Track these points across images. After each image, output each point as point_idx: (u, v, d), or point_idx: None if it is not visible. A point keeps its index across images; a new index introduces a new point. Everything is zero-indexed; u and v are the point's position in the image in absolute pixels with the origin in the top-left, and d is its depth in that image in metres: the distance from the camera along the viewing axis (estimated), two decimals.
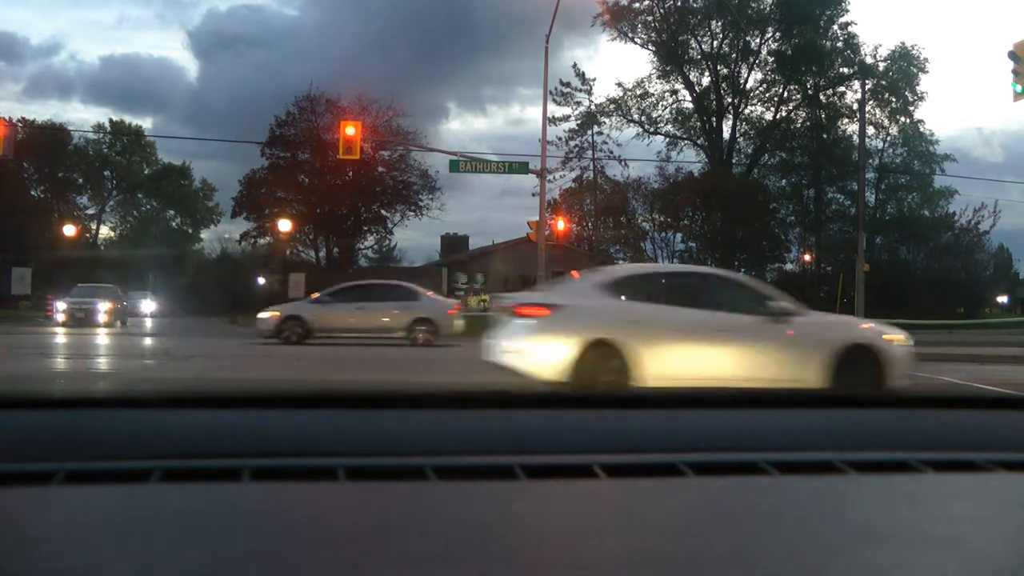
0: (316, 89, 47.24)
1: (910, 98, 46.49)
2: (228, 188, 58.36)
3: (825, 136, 47.13)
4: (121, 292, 28.81)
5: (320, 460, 0.94)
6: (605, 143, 48.79)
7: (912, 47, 46.19)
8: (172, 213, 63.34)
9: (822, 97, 47.29)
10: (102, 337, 20.82)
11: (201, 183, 63.35)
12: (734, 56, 47.48)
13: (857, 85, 41.28)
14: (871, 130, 44.52)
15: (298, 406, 1.15)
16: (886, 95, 46.44)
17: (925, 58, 46.24)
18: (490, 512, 0.84)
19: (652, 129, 48.54)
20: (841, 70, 46.73)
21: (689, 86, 48.08)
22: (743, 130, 48.96)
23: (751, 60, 47.45)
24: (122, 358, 14.70)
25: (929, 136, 47.58)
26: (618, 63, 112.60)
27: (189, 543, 0.73)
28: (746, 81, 47.88)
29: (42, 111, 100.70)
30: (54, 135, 51.43)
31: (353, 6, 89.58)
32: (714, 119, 48.06)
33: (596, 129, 48.63)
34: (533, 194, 34.96)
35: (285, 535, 0.75)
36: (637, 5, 46.00)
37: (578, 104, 48.25)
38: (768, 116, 48.30)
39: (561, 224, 32.98)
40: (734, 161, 48.41)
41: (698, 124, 48.67)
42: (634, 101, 48.07)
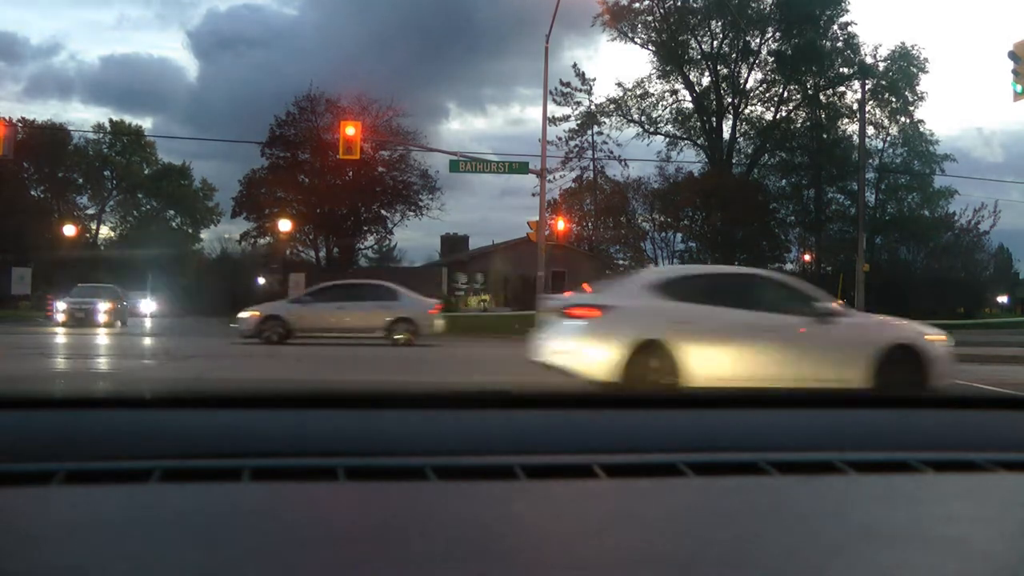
0: (316, 89, 47.37)
1: (910, 98, 46.48)
2: (228, 188, 58.52)
3: (825, 136, 47.09)
4: (121, 292, 28.79)
5: (320, 460, 0.94)
6: (605, 143, 48.94)
7: (912, 47, 46.24)
8: (172, 213, 63.33)
9: (822, 97, 47.26)
10: (102, 337, 20.81)
11: (201, 183, 63.47)
12: (734, 56, 47.47)
13: (857, 85, 41.26)
14: (871, 130, 44.57)
15: (298, 406, 1.14)
16: (886, 95, 46.42)
17: (925, 58, 46.28)
18: (490, 512, 0.84)
19: (652, 129, 48.59)
20: (841, 70, 46.70)
21: (689, 86, 48.11)
22: (743, 130, 48.99)
23: (751, 60, 47.45)
24: (122, 358, 14.70)
25: (929, 136, 47.62)
26: (618, 63, 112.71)
27: (189, 543, 0.73)
28: (746, 81, 47.94)
29: (42, 111, 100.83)
30: (54, 135, 51.41)
31: (353, 6, 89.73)
32: (714, 119, 48.04)
33: (596, 129, 48.77)
34: (533, 194, 35.06)
35: (285, 535, 0.75)
36: (637, 5, 46.03)
37: (578, 104, 48.41)
38: (768, 116, 48.33)
39: (561, 224, 32.99)
40: (734, 161, 48.39)
41: (698, 124, 48.65)
42: (634, 101, 48.14)
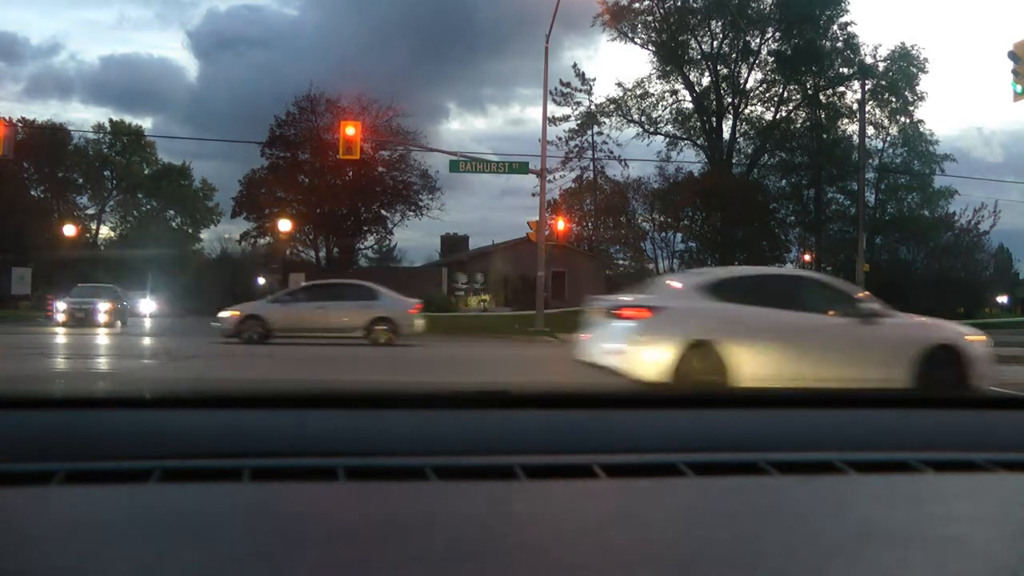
0: (316, 89, 47.34)
1: (910, 98, 46.48)
2: (228, 188, 58.53)
3: (825, 136, 47.09)
4: (121, 292, 28.79)
5: (320, 460, 0.94)
6: (605, 143, 48.98)
7: (912, 47, 46.25)
8: (172, 213, 63.27)
9: (822, 97, 47.25)
10: (102, 337, 20.81)
11: (201, 183, 63.38)
12: (734, 56, 47.47)
13: (857, 85, 41.29)
14: (871, 130, 44.58)
15: (298, 406, 1.14)
16: (886, 95, 46.42)
17: (925, 58, 46.28)
18: (490, 512, 0.84)
19: (652, 129, 48.61)
20: (841, 70, 46.70)
21: (689, 86, 48.12)
22: (743, 130, 48.99)
23: (751, 60, 47.45)
24: (122, 358, 14.70)
25: (929, 136, 47.62)
26: (618, 63, 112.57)
27: (189, 543, 0.73)
28: (746, 81, 47.93)
29: (42, 111, 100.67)
30: (54, 135, 51.36)
31: (353, 6, 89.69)
32: (714, 119, 48.05)
33: (596, 129, 48.82)
34: (533, 194, 35.07)
35: (285, 535, 0.75)
36: (637, 5, 46.04)
37: (578, 104, 48.45)
38: (768, 116, 48.33)
39: (561, 224, 33.02)
40: (734, 161, 48.39)
41: (698, 124, 48.66)
42: (634, 101, 48.16)
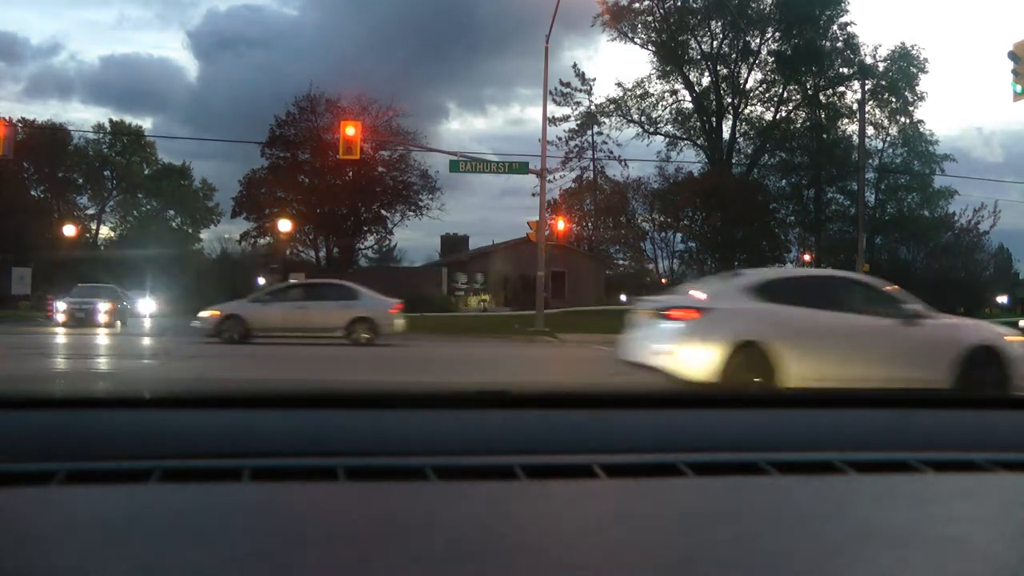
0: (316, 89, 47.33)
1: (910, 98, 46.48)
2: (228, 188, 58.51)
3: (825, 136, 47.09)
4: (121, 292, 28.78)
5: (320, 460, 0.94)
6: (605, 143, 49.03)
7: (912, 47, 46.26)
8: (172, 213, 63.21)
9: (822, 97, 47.25)
10: (102, 337, 20.81)
11: (201, 183, 63.32)
12: (734, 56, 47.46)
13: (857, 85, 41.32)
14: (871, 130, 44.58)
15: (298, 406, 1.14)
16: (886, 95, 46.41)
17: (925, 58, 46.28)
18: (490, 512, 0.84)
19: (652, 129, 48.64)
20: (841, 70, 46.71)
21: (689, 86, 48.12)
22: (743, 130, 49.00)
23: (751, 60, 47.45)
24: (122, 358, 14.70)
25: (929, 136, 47.62)
26: (618, 63, 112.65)
27: (189, 543, 0.73)
28: (746, 81, 47.94)
29: (42, 111, 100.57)
30: (54, 135, 51.34)
31: (353, 6, 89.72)
32: (714, 119, 48.04)
33: (596, 129, 48.88)
34: (533, 194, 35.07)
35: (285, 535, 0.75)
36: (637, 5, 46.04)
37: (578, 104, 48.51)
38: (768, 116, 48.34)
39: (561, 224, 33.04)
40: (734, 161, 48.40)
41: (698, 124, 48.66)
42: (634, 101, 48.18)
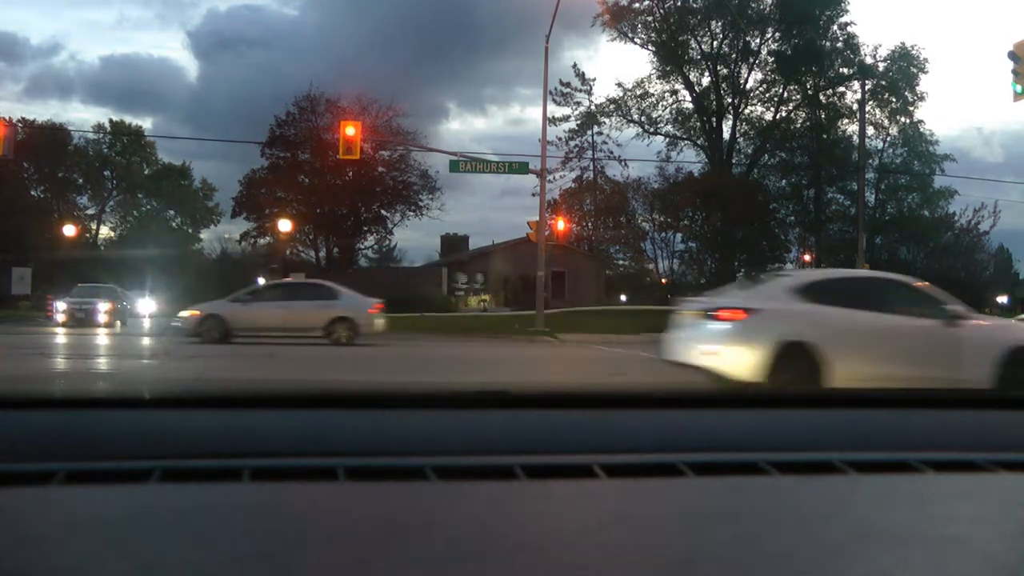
0: (316, 89, 47.30)
1: (910, 98, 46.51)
2: (228, 188, 58.48)
3: (825, 136, 47.11)
4: (121, 292, 28.78)
5: (320, 460, 0.94)
6: (605, 143, 49.02)
7: (912, 47, 46.28)
8: (172, 213, 63.22)
9: (822, 97, 47.26)
10: (102, 337, 20.81)
11: (201, 183, 63.34)
12: (734, 56, 47.47)
13: (857, 85, 41.32)
14: (871, 130, 44.61)
15: (298, 406, 1.14)
16: (886, 95, 46.43)
17: (925, 58, 46.31)
18: (490, 512, 0.84)
19: (652, 129, 48.64)
20: (841, 70, 46.72)
21: (689, 86, 48.12)
22: (743, 130, 49.02)
23: (751, 60, 47.46)
24: (122, 358, 14.69)
25: (929, 136, 47.67)
26: (618, 63, 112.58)
27: (189, 543, 0.73)
28: (746, 81, 47.95)
29: (42, 111, 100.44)
30: (54, 135, 51.34)
31: (353, 6, 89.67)
32: (714, 119, 48.05)
33: (596, 129, 48.85)
34: (533, 194, 35.07)
35: (285, 535, 0.75)
36: (637, 5, 46.05)
37: (578, 104, 48.50)
38: (768, 116, 48.36)
39: (561, 224, 33.03)
40: (734, 161, 48.40)
41: (698, 124, 48.67)
42: (634, 101, 48.18)
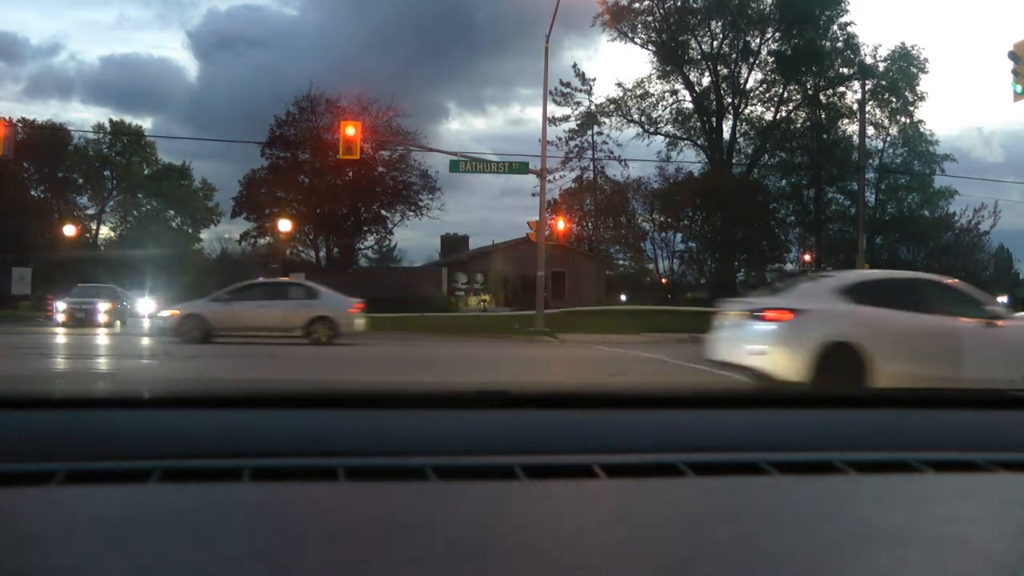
0: (316, 89, 47.33)
1: (910, 98, 46.48)
2: (228, 188, 58.60)
3: (825, 136, 47.08)
4: (121, 292, 28.77)
5: (320, 460, 0.94)
6: (605, 143, 49.01)
7: (912, 47, 46.26)
8: (172, 213, 63.18)
9: (822, 97, 47.24)
10: (102, 337, 20.81)
11: (201, 183, 63.30)
12: (734, 56, 47.46)
13: (857, 85, 41.32)
14: (871, 130, 44.58)
15: (298, 406, 1.14)
16: (886, 95, 46.41)
17: (925, 58, 46.28)
18: (490, 512, 0.84)
19: (652, 129, 48.61)
20: (841, 70, 46.69)
21: (689, 86, 48.11)
22: (743, 130, 48.98)
23: (751, 60, 47.44)
24: (122, 358, 14.69)
25: (929, 136, 47.65)
26: (618, 63, 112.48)
27: (189, 543, 0.73)
28: (746, 81, 47.93)
29: (42, 111, 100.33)
30: (54, 135, 51.32)
31: (353, 6, 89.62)
32: (714, 119, 48.03)
33: (596, 129, 48.84)
34: (533, 194, 35.06)
35: (285, 535, 0.75)
36: (637, 5, 46.03)
37: (578, 104, 48.49)
38: (768, 116, 48.32)
39: (561, 224, 33.01)
40: (734, 161, 48.39)
41: (698, 124, 48.65)
42: (634, 101, 48.17)
